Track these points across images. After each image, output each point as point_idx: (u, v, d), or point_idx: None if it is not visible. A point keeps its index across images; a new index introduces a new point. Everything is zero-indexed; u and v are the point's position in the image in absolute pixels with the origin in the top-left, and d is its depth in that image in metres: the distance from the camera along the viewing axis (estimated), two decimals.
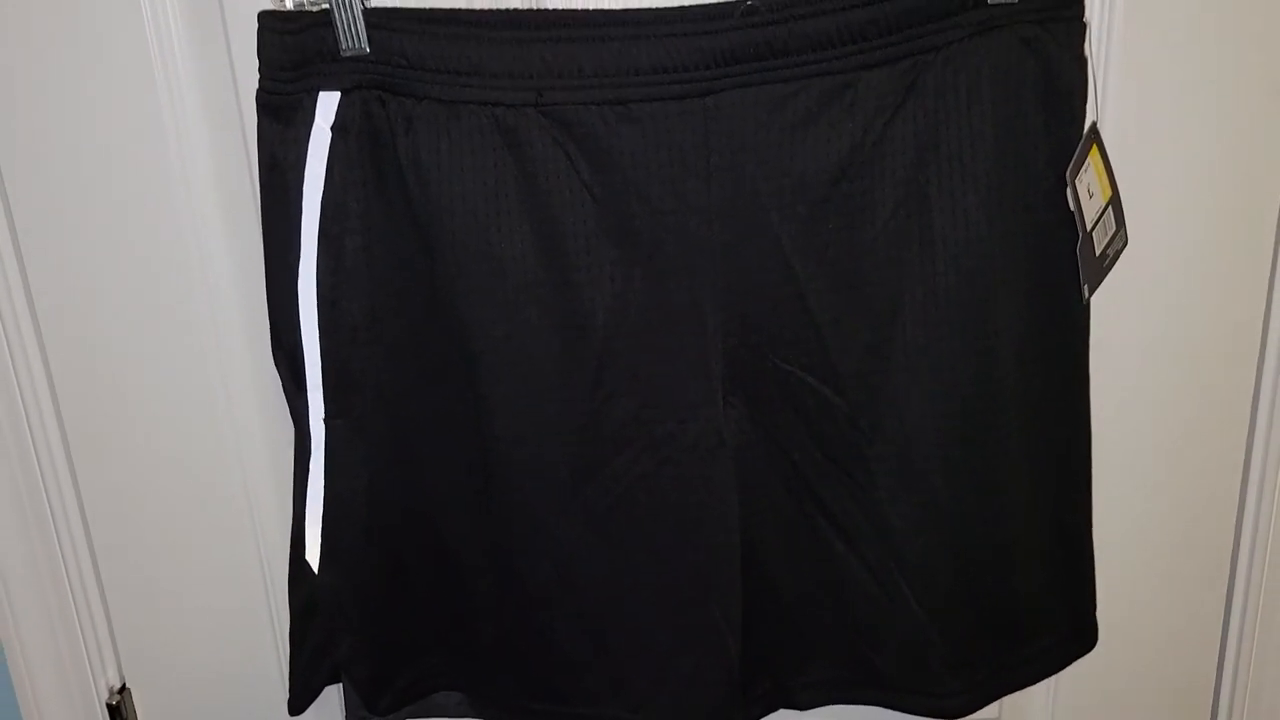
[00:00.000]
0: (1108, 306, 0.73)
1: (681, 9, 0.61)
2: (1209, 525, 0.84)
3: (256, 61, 0.63)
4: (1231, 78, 0.72)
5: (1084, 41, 0.64)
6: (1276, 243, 0.77)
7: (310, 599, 0.73)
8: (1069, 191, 0.64)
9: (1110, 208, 0.68)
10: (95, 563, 0.84)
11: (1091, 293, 0.68)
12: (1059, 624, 0.75)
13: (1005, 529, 0.70)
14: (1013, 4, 0.61)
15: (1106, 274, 0.69)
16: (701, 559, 0.69)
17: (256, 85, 0.63)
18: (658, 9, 0.61)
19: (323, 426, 0.68)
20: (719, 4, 0.61)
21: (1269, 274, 0.78)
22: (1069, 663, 0.76)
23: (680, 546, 0.69)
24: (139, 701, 0.88)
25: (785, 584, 0.72)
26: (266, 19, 0.62)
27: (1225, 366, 0.79)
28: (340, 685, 0.77)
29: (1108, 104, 0.72)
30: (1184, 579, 0.85)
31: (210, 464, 0.80)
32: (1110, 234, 0.68)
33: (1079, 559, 0.74)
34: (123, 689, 0.88)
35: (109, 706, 0.87)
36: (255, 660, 0.86)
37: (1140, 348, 0.78)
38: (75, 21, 0.69)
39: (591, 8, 0.63)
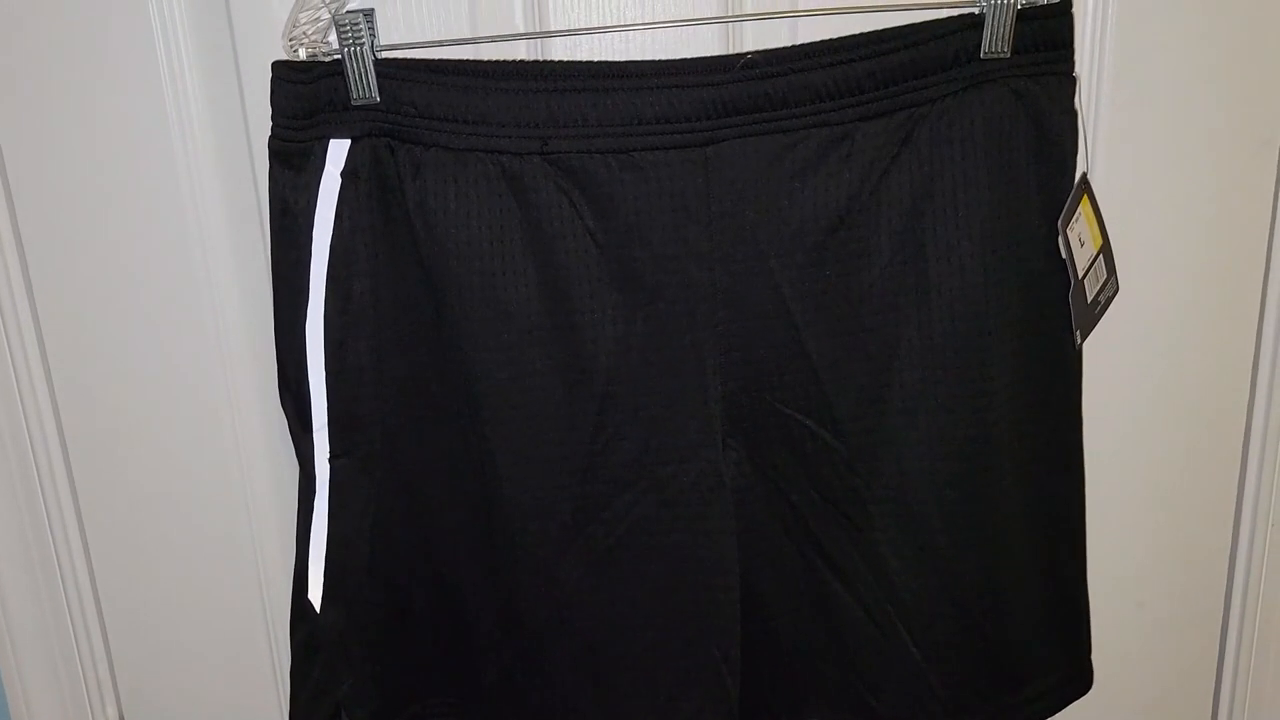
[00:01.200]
0: (1099, 353, 0.74)
1: (684, 61, 0.62)
2: (1203, 569, 0.85)
3: (269, 109, 0.64)
4: (1218, 129, 0.74)
5: (1074, 95, 0.65)
6: (1264, 289, 0.79)
7: (312, 637, 0.73)
8: (1061, 240, 0.66)
9: (1101, 256, 0.69)
10: (97, 598, 0.84)
11: (1083, 339, 0.69)
12: (1055, 666, 0.75)
13: (1001, 572, 0.71)
14: (1005, 59, 0.63)
15: (1098, 321, 0.71)
16: (701, 600, 0.70)
17: (269, 132, 0.64)
18: (661, 61, 0.63)
19: (327, 466, 0.69)
20: (720, 57, 0.63)
21: (1257, 319, 0.79)
22: (1065, 705, 0.76)
23: (680, 587, 0.69)
24: None
25: (784, 626, 0.72)
26: (280, 69, 0.63)
27: (1216, 411, 0.81)
28: None
29: (1098, 155, 0.73)
30: (1179, 619, 0.86)
31: (213, 502, 0.81)
32: (1101, 281, 0.70)
33: (1073, 601, 0.75)
34: None
35: None
36: (255, 698, 0.86)
37: (1131, 393, 0.80)
38: (92, 72, 0.71)
39: (596, 59, 0.65)
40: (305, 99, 0.63)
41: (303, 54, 0.64)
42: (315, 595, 0.71)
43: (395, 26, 0.69)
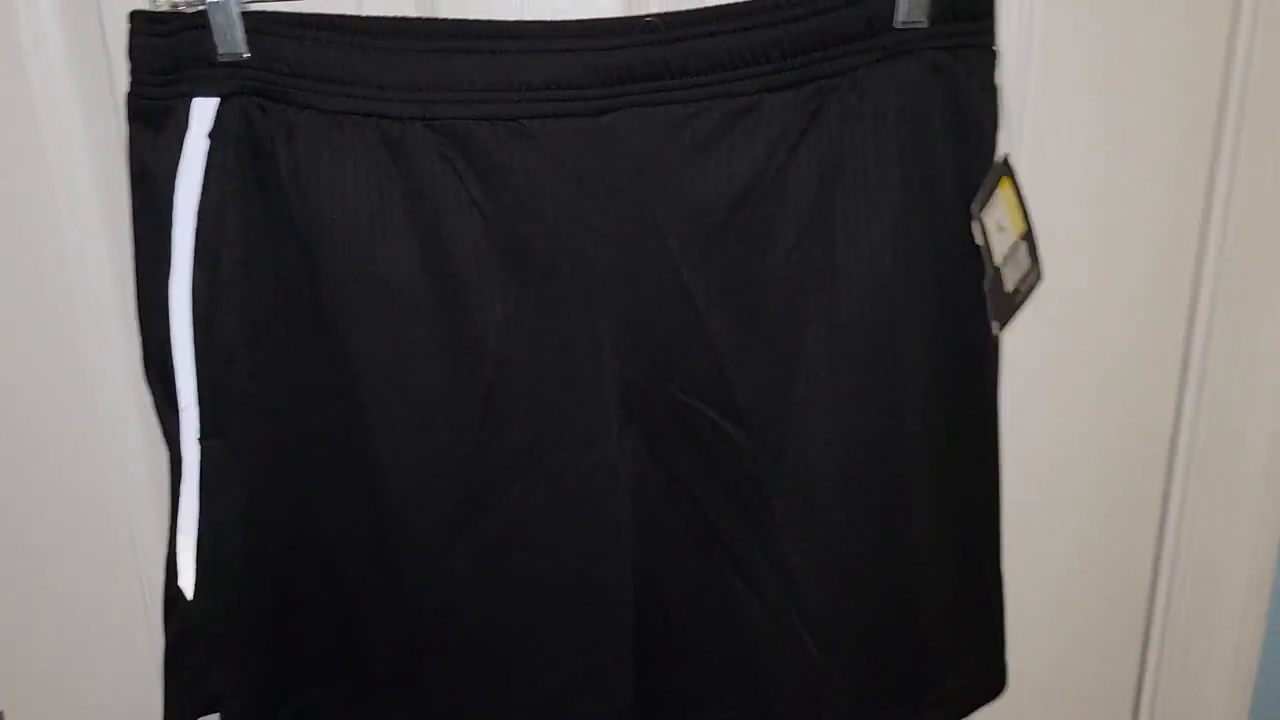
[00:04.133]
0: (1022, 343, 0.71)
1: (579, 23, 0.58)
2: (1127, 570, 0.82)
3: None
4: (1153, 110, 0.71)
5: (994, 70, 0.62)
6: (1196, 277, 0.76)
7: (185, 627, 0.69)
8: (974, 225, 0.62)
9: (1024, 242, 0.66)
10: None
11: (1001, 328, 0.66)
12: (965, 668, 0.72)
13: (909, 572, 0.68)
14: (921, 29, 0.59)
15: (1018, 309, 0.67)
16: (594, 598, 0.67)
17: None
18: (553, 22, 0.59)
19: (197, 447, 0.65)
20: (619, 19, 0.59)
21: (1189, 309, 0.76)
22: (976, 708, 0.74)
23: (572, 584, 0.66)
24: None
25: (684, 623, 0.69)
26: (137, 20, 0.58)
27: (1144, 406, 0.78)
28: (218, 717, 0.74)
29: (1025, 135, 0.70)
30: (1100, 623, 0.83)
31: (90, 485, 0.77)
32: (1023, 270, 0.66)
33: (987, 601, 0.72)
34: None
35: None
36: (135, 687, 0.82)
37: (1056, 386, 0.77)
38: None
39: (484, 18, 0.60)
40: (164, 53, 0.58)
41: (164, 3, 0.59)
42: (186, 583, 0.67)
43: None
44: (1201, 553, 0.81)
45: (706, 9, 0.59)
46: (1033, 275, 0.67)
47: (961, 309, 0.65)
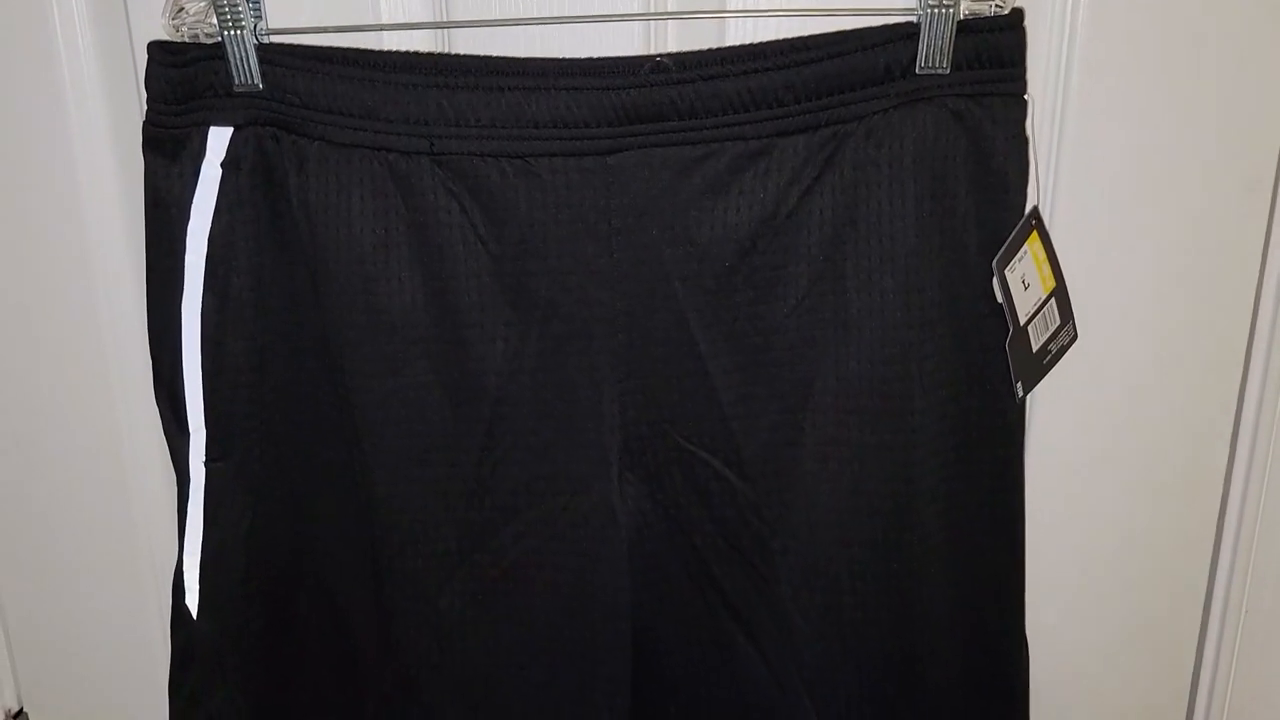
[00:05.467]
0: (1054, 408, 0.67)
1: (588, 61, 0.57)
2: (1168, 652, 0.76)
3: None
4: (1202, 166, 0.66)
5: (1025, 119, 0.58)
6: (1250, 338, 0.70)
7: (188, 644, 0.70)
8: (995, 282, 0.59)
9: (1053, 299, 0.62)
10: None
11: (1027, 391, 0.62)
12: None
13: (918, 641, 0.64)
14: (943, 75, 0.57)
15: (1048, 371, 0.63)
16: (589, 643, 0.65)
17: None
18: (563, 60, 0.58)
19: (203, 469, 0.66)
20: (628, 58, 0.57)
21: (1241, 372, 0.70)
22: None
23: (567, 628, 0.65)
24: None
25: (681, 675, 0.67)
26: (155, 50, 0.60)
27: (1188, 479, 0.72)
28: None
29: (1059, 188, 0.66)
30: (1136, 703, 0.78)
31: (109, 489, 0.79)
32: (1053, 328, 0.63)
33: (1006, 681, 0.68)
34: (19, 713, 0.86)
35: None
36: (152, 689, 0.83)
37: (1091, 455, 0.72)
38: None
39: (497, 55, 0.60)
40: (180, 83, 0.59)
41: (184, 35, 0.60)
42: (191, 602, 0.68)
43: (298, 7, 0.64)
44: (1251, 632, 0.75)
45: (719, 50, 0.58)
46: (1065, 334, 0.63)
47: (982, 368, 0.61)
